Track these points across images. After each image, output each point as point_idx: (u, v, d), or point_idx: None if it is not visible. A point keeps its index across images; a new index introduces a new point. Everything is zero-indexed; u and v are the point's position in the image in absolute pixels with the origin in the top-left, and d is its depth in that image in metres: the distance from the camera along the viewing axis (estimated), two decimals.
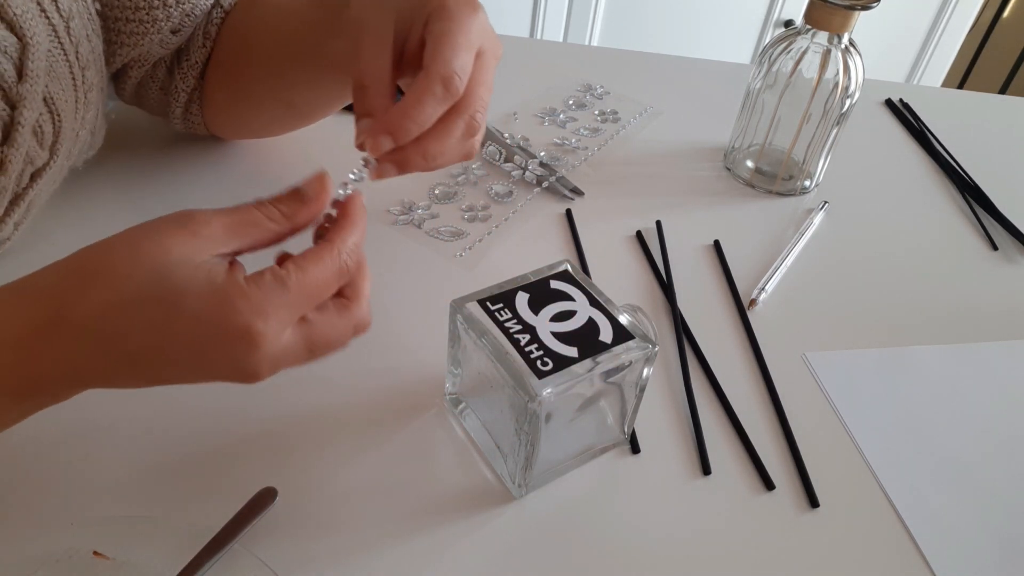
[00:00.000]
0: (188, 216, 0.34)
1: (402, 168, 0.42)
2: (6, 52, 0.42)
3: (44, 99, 0.45)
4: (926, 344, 0.58)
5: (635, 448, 0.48)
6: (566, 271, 0.46)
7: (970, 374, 0.56)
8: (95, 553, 0.38)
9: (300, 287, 0.34)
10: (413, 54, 0.43)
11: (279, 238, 0.37)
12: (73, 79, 0.47)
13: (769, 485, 0.47)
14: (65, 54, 0.46)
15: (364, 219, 0.38)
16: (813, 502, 0.46)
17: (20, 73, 0.43)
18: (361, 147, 0.40)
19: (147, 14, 0.53)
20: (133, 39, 0.54)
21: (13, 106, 0.43)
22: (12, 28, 0.42)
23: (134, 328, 0.33)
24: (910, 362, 0.56)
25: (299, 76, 0.55)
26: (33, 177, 0.47)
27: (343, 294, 0.37)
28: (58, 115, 0.46)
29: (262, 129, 0.65)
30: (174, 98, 0.60)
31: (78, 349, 0.33)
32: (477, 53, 0.42)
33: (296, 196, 0.37)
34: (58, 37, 0.45)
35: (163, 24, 0.54)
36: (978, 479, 0.49)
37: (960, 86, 2.15)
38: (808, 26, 0.64)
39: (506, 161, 0.70)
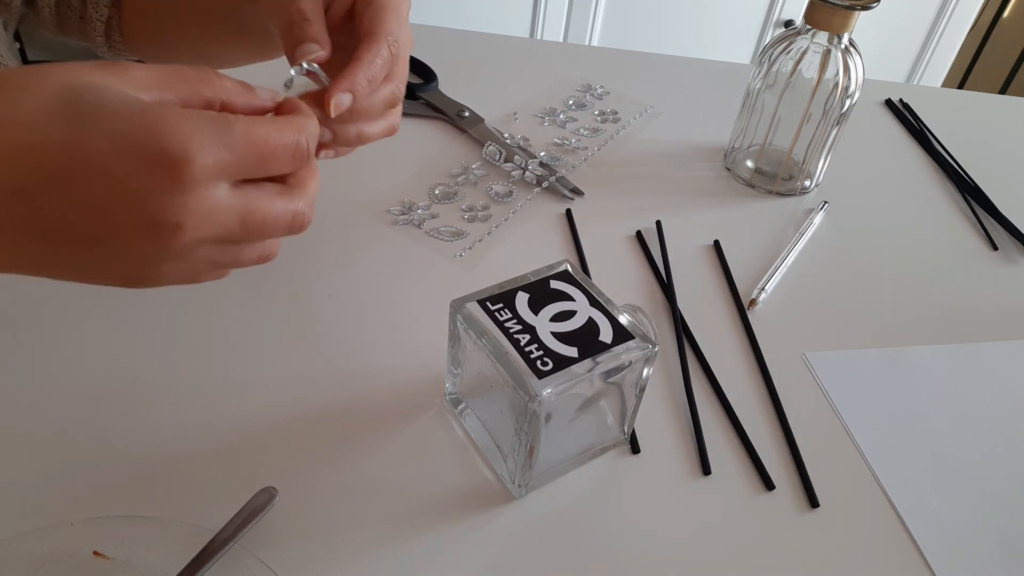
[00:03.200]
0: (110, 62, 0.30)
1: (336, 144, 0.41)
2: None
3: None
4: (926, 344, 0.58)
5: (635, 448, 0.48)
6: (566, 271, 0.46)
7: (970, 374, 0.56)
8: (95, 553, 0.38)
9: (247, 136, 0.30)
10: (334, 21, 0.42)
11: (210, 106, 0.33)
12: None
13: (769, 485, 0.47)
14: None
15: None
16: (813, 502, 0.46)
17: None
18: (295, 62, 0.39)
19: None
20: None
21: None
22: None
23: (34, 152, 0.27)
24: (910, 362, 0.56)
25: (214, 35, 0.55)
26: None
27: (286, 182, 0.34)
28: None
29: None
30: (92, 27, 0.58)
31: None
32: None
33: (242, 84, 0.34)
34: None
35: None
36: (978, 479, 0.49)
37: (960, 86, 2.15)
38: (808, 26, 0.64)
39: (506, 161, 0.70)
